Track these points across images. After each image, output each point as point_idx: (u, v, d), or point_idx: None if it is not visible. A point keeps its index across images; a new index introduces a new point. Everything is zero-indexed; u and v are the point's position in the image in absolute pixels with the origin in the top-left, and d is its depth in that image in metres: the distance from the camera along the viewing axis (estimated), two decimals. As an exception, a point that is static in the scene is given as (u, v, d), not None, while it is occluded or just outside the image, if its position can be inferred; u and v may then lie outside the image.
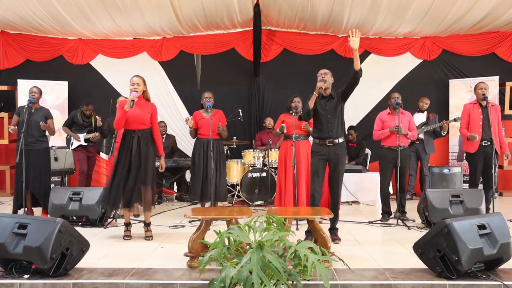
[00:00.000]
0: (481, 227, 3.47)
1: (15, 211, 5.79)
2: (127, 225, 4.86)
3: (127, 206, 4.74)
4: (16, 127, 5.84)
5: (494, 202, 5.66)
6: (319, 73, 4.64)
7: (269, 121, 7.54)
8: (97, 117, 6.31)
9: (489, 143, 5.65)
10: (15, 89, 8.05)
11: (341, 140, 4.62)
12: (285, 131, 5.76)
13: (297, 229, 5.13)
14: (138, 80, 4.71)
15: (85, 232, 4.13)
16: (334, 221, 4.70)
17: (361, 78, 8.18)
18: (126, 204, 4.70)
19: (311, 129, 5.46)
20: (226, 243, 3.08)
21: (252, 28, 7.70)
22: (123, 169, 4.64)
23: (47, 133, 6.03)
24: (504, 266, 3.59)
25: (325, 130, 4.59)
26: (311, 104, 4.53)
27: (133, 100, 4.51)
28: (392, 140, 5.58)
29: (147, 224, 4.87)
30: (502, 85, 7.86)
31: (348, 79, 4.51)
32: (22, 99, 7.55)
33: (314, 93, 4.50)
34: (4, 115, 8.00)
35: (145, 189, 4.71)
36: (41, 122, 5.78)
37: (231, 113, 7.01)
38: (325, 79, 4.55)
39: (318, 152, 4.63)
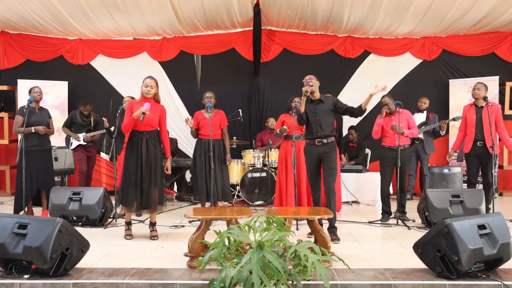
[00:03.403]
0: (481, 227, 3.47)
1: (16, 212, 5.78)
2: (128, 224, 4.87)
3: (140, 209, 4.78)
4: (23, 128, 5.74)
5: (494, 202, 5.67)
6: (305, 79, 4.82)
7: (271, 122, 7.53)
8: (104, 119, 6.32)
9: (483, 143, 5.68)
10: (15, 89, 8.06)
11: (330, 140, 4.73)
12: (285, 133, 5.78)
13: (297, 229, 5.13)
14: (151, 82, 4.72)
15: (85, 232, 4.12)
16: (331, 219, 4.69)
17: (361, 80, 8.29)
18: (138, 207, 4.71)
19: None
20: (226, 243, 3.08)
21: (252, 28, 7.70)
22: (133, 171, 4.65)
23: None
24: (504, 266, 3.59)
25: (314, 132, 4.76)
26: (301, 108, 4.75)
27: (144, 113, 4.52)
28: (392, 140, 5.58)
29: (152, 224, 4.87)
30: (502, 85, 7.87)
31: (350, 109, 4.71)
32: (22, 99, 7.56)
33: (302, 97, 4.72)
34: (4, 115, 8.01)
35: (154, 189, 4.71)
36: (41, 127, 5.77)
37: (231, 113, 7.01)
38: (311, 83, 4.72)
39: (309, 153, 4.81)
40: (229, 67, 8.28)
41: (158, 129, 4.83)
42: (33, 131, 5.72)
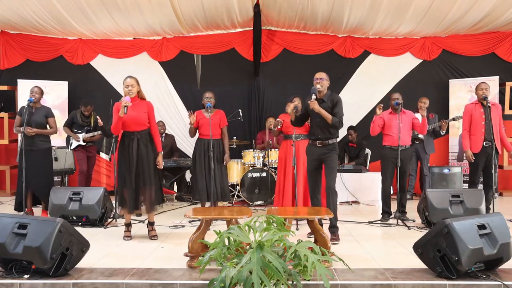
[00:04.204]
0: (481, 227, 3.47)
1: (17, 210, 5.77)
2: (128, 225, 4.86)
3: (135, 209, 4.77)
4: (21, 128, 5.80)
5: (494, 202, 5.66)
6: (315, 77, 4.74)
7: (270, 121, 7.54)
8: (97, 117, 6.30)
9: (490, 143, 5.65)
10: (15, 89, 8.05)
11: (331, 141, 4.68)
12: (279, 126, 5.77)
13: (297, 229, 5.13)
14: (132, 81, 4.69)
15: (85, 232, 4.12)
16: (332, 219, 4.66)
17: (361, 80, 8.27)
18: (135, 206, 4.72)
19: None
20: (226, 243, 3.08)
21: (252, 28, 7.70)
22: (126, 172, 4.65)
23: None
24: (504, 266, 3.59)
25: (315, 132, 4.73)
26: (292, 117, 4.88)
27: (126, 106, 4.50)
28: (394, 139, 5.56)
29: (151, 223, 4.86)
30: (502, 85, 7.87)
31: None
32: (22, 99, 7.56)
33: (289, 111, 4.85)
34: (4, 115, 8.01)
35: (149, 189, 4.71)
36: (27, 128, 5.68)
37: (231, 113, 7.01)
38: (321, 84, 4.66)
39: (310, 153, 4.78)
40: (229, 67, 8.28)
41: (149, 128, 4.79)
42: (22, 131, 5.70)
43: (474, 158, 5.70)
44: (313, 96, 4.56)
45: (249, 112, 8.23)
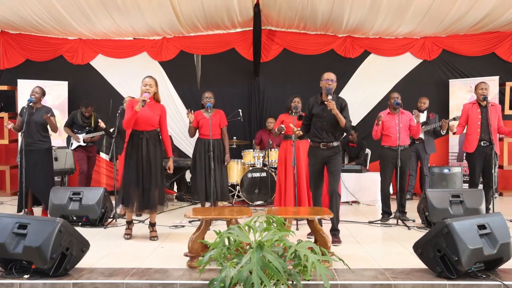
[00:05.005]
0: (481, 227, 3.47)
1: (19, 210, 5.77)
2: (129, 223, 4.87)
3: (140, 209, 4.75)
4: (12, 124, 5.88)
5: (494, 202, 5.66)
6: (326, 77, 4.61)
7: (269, 121, 7.53)
8: (99, 120, 6.31)
9: (488, 143, 5.65)
10: (15, 89, 8.06)
11: (335, 144, 4.64)
12: (283, 132, 5.76)
13: (297, 229, 5.13)
14: (150, 81, 4.73)
15: (85, 232, 4.12)
16: (334, 221, 4.66)
17: (361, 80, 8.27)
18: (139, 207, 4.69)
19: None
20: (226, 243, 3.08)
21: (252, 28, 7.70)
22: (134, 171, 4.65)
23: (50, 132, 5.97)
24: (504, 266, 3.59)
25: (319, 135, 4.66)
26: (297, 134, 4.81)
27: (144, 100, 4.53)
28: (393, 140, 5.57)
29: (152, 224, 4.86)
30: (502, 85, 7.87)
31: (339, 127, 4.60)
32: (22, 99, 7.56)
33: (295, 134, 4.77)
34: (4, 115, 8.00)
35: (154, 190, 4.71)
36: (44, 115, 5.71)
37: (231, 113, 7.01)
38: (332, 86, 4.55)
39: (313, 156, 4.71)
40: (229, 67, 8.28)
41: (158, 129, 4.82)
42: (7, 125, 5.84)
43: (454, 131, 5.86)
44: (329, 97, 4.44)
45: (249, 112, 8.23)
